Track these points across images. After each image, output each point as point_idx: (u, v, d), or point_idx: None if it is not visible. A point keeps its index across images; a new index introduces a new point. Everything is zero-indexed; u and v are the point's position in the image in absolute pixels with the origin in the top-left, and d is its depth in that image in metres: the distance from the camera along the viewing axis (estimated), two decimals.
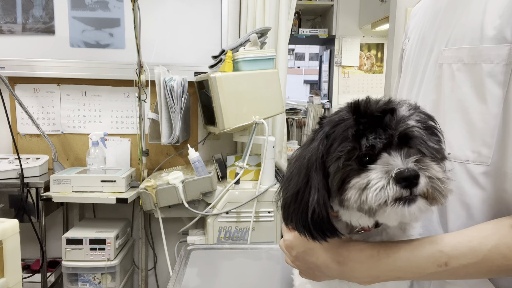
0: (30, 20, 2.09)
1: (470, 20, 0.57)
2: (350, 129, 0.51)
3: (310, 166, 0.54)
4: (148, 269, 2.27)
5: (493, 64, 0.54)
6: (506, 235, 0.51)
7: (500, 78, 0.53)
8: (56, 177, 1.77)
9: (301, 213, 0.55)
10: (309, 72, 13.31)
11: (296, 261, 0.65)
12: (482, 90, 0.55)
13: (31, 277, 1.89)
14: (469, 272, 0.52)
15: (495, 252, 0.50)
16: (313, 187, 0.53)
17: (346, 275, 0.59)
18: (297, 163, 0.57)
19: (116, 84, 2.14)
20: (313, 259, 0.62)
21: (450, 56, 0.59)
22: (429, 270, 0.53)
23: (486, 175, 0.57)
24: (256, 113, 1.71)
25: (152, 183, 1.71)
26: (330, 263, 0.59)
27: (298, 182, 0.55)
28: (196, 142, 2.24)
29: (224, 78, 1.64)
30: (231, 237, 1.79)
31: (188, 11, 2.18)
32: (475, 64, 0.56)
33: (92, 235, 1.81)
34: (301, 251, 0.63)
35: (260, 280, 1.00)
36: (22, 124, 2.11)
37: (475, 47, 0.55)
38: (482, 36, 0.55)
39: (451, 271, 0.52)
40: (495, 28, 0.53)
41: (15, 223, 1.13)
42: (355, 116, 0.51)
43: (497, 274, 0.52)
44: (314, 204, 0.53)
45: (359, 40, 3.62)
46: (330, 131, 0.53)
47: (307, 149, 0.56)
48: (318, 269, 0.62)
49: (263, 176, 1.80)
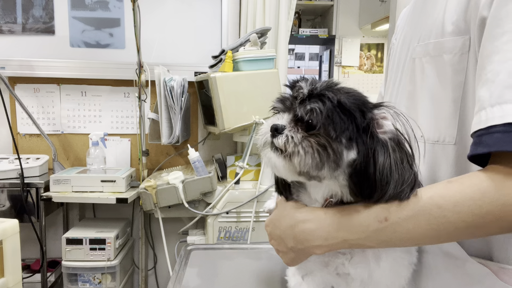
0: (30, 20, 2.09)
1: (435, 18, 0.65)
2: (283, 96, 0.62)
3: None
4: (148, 269, 2.27)
5: (452, 55, 0.61)
6: (441, 187, 0.54)
7: (458, 66, 0.61)
8: (56, 177, 1.77)
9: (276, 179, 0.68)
10: (309, 72, 13.30)
11: (271, 240, 0.69)
12: (445, 78, 0.62)
13: (31, 277, 1.89)
14: (410, 229, 0.53)
15: (430, 202, 0.53)
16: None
17: (299, 239, 0.61)
18: None
19: (116, 84, 2.14)
20: (277, 231, 0.66)
21: (420, 51, 0.67)
22: (371, 227, 0.55)
23: (454, 153, 0.62)
24: (256, 113, 1.71)
25: (152, 183, 1.71)
26: (287, 229, 0.63)
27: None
28: (196, 142, 2.24)
29: (224, 78, 1.64)
30: (231, 237, 1.79)
31: (188, 11, 2.18)
32: (438, 55, 0.63)
33: (92, 235, 1.80)
34: (272, 225, 0.68)
35: (260, 280, 1.00)
36: (22, 124, 2.11)
37: (438, 41, 0.63)
38: (443, 31, 0.62)
39: (392, 226, 0.54)
40: (452, 23, 0.61)
41: (15, 223, 1.13)
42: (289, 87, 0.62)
43: (439, 231, 0.53)
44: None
45: (359, 40, 3.62)
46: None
47: None
48: (282, 242, 0.65)
49: (263, 176, 1.80)
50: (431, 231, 0.53)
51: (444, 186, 0.54)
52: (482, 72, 0.54)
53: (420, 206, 0.53)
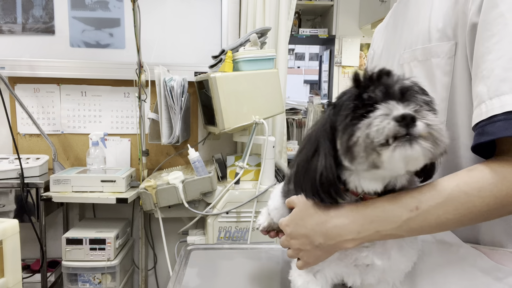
0: (30, 20, 2.09)
1: (420, 28, 0.72)
2: (353, 92, 0.57)
3: (318, 135, 0.60)
4: (148, 269, 2.27)
5: (439, 58, 0.68)
6: (464, 176, 0.58)
7: (445, 68, 0.67)
8: (56, 177, 1.77)
9: (309, 178, 0.60)
10: (309, 72, 13.31)
11: (291, 240, 0.69)
12: (433, 80, 0.69)
13: (31, 277, 1.89)
14: (439, 215, 0.57)
15: (457, 190, 0.56)
16: (321, 153, 0.59)
17: (330, 235, 0.62)
18: (307, 136, 0.63)
19: (116, 84, 2.14)
20: (303, 229, 0.66)
21: (408, 56, 0.74)
22: (403, 216, 0.58)
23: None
24: (256, 113, 1.71)
25: (152, 183, 1.71)
26: (316, 226, 0.64)
27: (307, 151, 0.61)
28: (196, 142, 2.24)
29: (224, 78, 1.64)
30: (231, 237, 1.79)
31: (188, 11, 2.18)
32: (426, 60, 0.70)
33: (92, 235, 1.81)
34: (294, 225, 0.68)
35: (260, 280, 1.00)
36: (22, 124, 2.11)
37: (425, 47, 0.70)
38: (430, 38, 0.69)
39: (423, 214, 0.57)
40: (438, 30, 0.68)
41: (15, 223, 1.13)
42: (356, 83, 0.57)
43: (465, 216, 0.56)
44: (322, 168, 0.58)
45: (359, 40, 3.62)
46: (336, 102, 0.59)
47: (315, 124, 0.63)
48: (307, 240, 0.65)
49: (263, 176, 1.80)
50: (458, 216, 0.57)
51: (467, 174, 0.58)
52: (478, 70, 0.60)
53: (448, 193, 0.56)
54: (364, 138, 0.52)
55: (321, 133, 0.60)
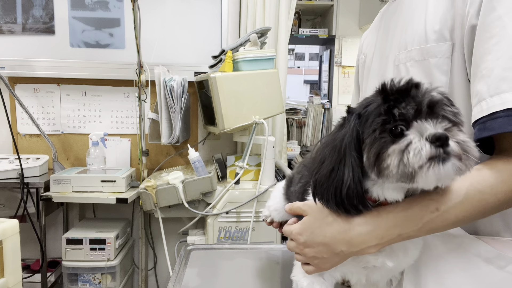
0: (30, 20, 2.09)
1: (416, 29, 0.74)
2: (382, 104, 0.56)
3: (344, 145, 0.59)
4: (148, 269, 2.27)
5: (437, 58, 0.70)
6: (476, 175, 0.60)
7: (443, 68, 0.70)
8: (56, 177, 1.77)
9: (335, 190, 0.60)
10: (309, 72, 13.31)
11: (305, 248, 0.68)
12: (431, 79, 0.70)
13: (31, 277, 1.88)
14: (458, 214, 0.60)
15: (472, 189, 0.59)
16: (347, 165, 0.58)
17: (354, 243, 0.62)
18: (329, 145, 0.62)
19: (116, 84, 2.14)
20: (320, 238, 0.65)
21: (404, 57, 0.76)
22: (425, 218, 0.60)
23: None
24: (256, 113, 1.71)
25: (152, 183, 1.71)
26: (337, 234, 0.64)
27: (332, 161, 0.60)
28: (196, 142, 2.24)
29: (224, 78, 1.64)
30: (231, 237, 1.79)
31: (188, 11, 2.18)
32: (424, 59, 0.72)
33: (92, 235, 1.81)
34: (309, 234, 0.67)
35: (260, 280, 1.00)
36: (22, 124, 2.11)
37: (422, 47, 0.72)
38: (427, 39, 0.72)
39: (443, 215, 0.59)
40: (435, 32, 0.70)
41: (15, 223, 1.13)
42: (383, 94, 0.57)
43: (479, 212, 0.60)
44: (350, 181, 0.58)
45: (359, 40, 3.62)
46: (362, 112, 0.59)
47: (338, 133, 0.61)
48: (326, 248, 0.65)
49: (263, 176, 1.80)
50: (473, 213, 0.60)
51: (478, 173, 0.60)
52: (477, 70, 0.63)
53: (465, 193, 0.59)
54: (399, 160, 0.53)
55: (348, 144, 0.58)
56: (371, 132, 0.56)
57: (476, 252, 0.66)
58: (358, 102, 0.63)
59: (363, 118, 0.58)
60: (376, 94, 0.59)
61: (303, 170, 0.81)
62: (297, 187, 0.80)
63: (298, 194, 0.78)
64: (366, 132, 0.57)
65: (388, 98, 0.56)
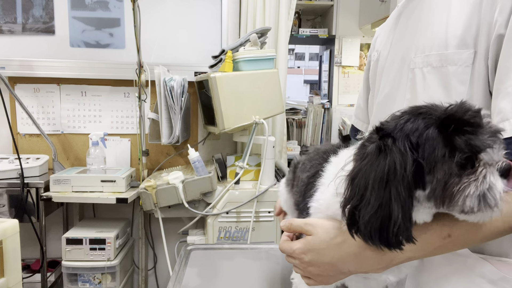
0: (30, 20, 2.09)
1: (435, 33, 0.70)
2: (442, 131, 0.52)
3: (397, 180, 0.53)
4: (148, 269, 2.27)
5: (456, 66, 0.66)
6: None
7: (462, 77, 0.65)
8: (56, 177, 1.77)
9: (380, 227, 0.54)
10: (309, 72, 13.31)
11: (309, 267, 0.66)
12: (448, 88, 0.67)
13: (31, 277, 1.89)
14: (468, 240, 0.60)
15: None
16: (397, 201, 0.53)
17: (363, 264, 0.62)
18: (371, 172, 0.55)
19: (116, 84, 2.14)
20: (328, 259, 0.64)
21: (420, 61, 0.72)
22: (436, 244, 0.59)
23: None
24: (256, 113, 1.71)
25: (152, 183, 1.71)
26: (346, 256, 0.62)
27: (380, 197, 0.54)
28: (196, 142, 2.24)
29: (224, 78, 1.64)
30: (231, 237, 1.79)
31: (188, 11, 2.18)
32: (442, 66, 0.68)
33: (92, 235, 1.81)
34: (315, 254, 0.65)
35: (260, 280, 1.00)
36: (22, 124, 2.11)
37: (442, 53, 0.68)
38: (447, 44, 0.67)
39: (454, 241, 0.59)
40: (456, 37, 0.66)
41: (15, 223, 1.13)
42: (446, 125, 0.52)
43: (486, 237, 0.60)
44: (400, 218, 0.53)
45: (359, 40, 3.61)
46: (416, 141, 0.53)
47: (378, 163, 0.55)
48: (332, 268, 0.64)
49: (263, 176, 1.80)
50: (481, 237, 0.60)
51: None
52: (502, 86, 0.59)
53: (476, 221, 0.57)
54: (476, 194, 0.51)
55: (401, 177, 0.53)
56: (438, 163, 0.52)
57: (480, 273, 0.64)
58: (387, 121, 0.57)
59: (421, 147, 0.53)
60: (414, 114, 0.55)
61: (313, 157, 0.80)
62: (304, 176, 0.78)
63: (301, 188, 0.77)
64: (428, 162, 0.52)
65: (448, 125, 0.52)
